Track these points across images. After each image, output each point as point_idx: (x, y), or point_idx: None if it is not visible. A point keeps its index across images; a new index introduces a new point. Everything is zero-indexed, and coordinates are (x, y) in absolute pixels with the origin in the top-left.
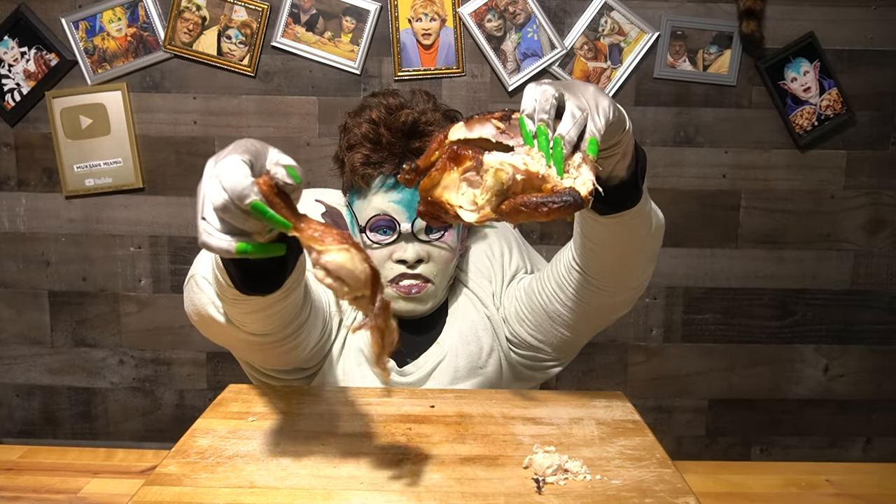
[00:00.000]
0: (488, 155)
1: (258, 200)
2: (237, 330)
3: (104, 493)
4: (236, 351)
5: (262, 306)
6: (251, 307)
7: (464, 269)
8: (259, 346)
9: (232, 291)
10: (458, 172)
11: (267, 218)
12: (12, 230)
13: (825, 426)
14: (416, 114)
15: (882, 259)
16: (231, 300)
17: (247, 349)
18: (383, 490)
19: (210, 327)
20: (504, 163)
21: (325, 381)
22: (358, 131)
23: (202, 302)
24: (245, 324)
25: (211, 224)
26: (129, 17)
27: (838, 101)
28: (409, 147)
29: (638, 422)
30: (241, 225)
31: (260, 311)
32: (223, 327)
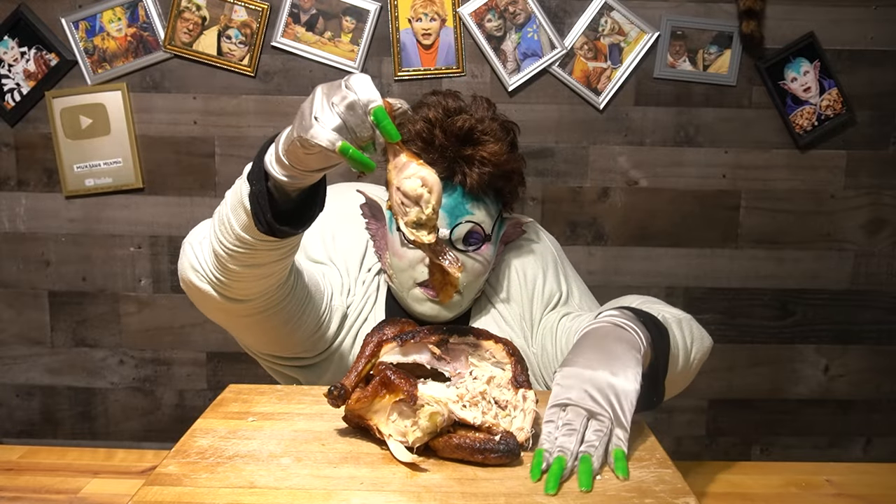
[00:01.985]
0: (423, 388)
1: (381, 106)
2: (215, 296)
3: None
4: (230, 327)
5: (262, 260)
6: (250, 259)
7: (493, 285)
8: (238, 315)
9: (241, 237)
10: (389, 400)
11: (384, 125)
12: (12, 230)
13: (825, 426)
14: (474, 121)
15: (882, 259)
16: (234, 247)
17: (226, 320)
18: (383, 490)
19: (191, 292)
20: (440, 403)
21: (336, 377)
22: (412, 128)
23: (182, 266)
24: (229, 283)
25: (322, 122)
26: (129, 17)
27: (838, 101)
28: (461, 153)
29: (638, 422)
30: (355, 127)
31: (256, 266)
32: (200, 293)
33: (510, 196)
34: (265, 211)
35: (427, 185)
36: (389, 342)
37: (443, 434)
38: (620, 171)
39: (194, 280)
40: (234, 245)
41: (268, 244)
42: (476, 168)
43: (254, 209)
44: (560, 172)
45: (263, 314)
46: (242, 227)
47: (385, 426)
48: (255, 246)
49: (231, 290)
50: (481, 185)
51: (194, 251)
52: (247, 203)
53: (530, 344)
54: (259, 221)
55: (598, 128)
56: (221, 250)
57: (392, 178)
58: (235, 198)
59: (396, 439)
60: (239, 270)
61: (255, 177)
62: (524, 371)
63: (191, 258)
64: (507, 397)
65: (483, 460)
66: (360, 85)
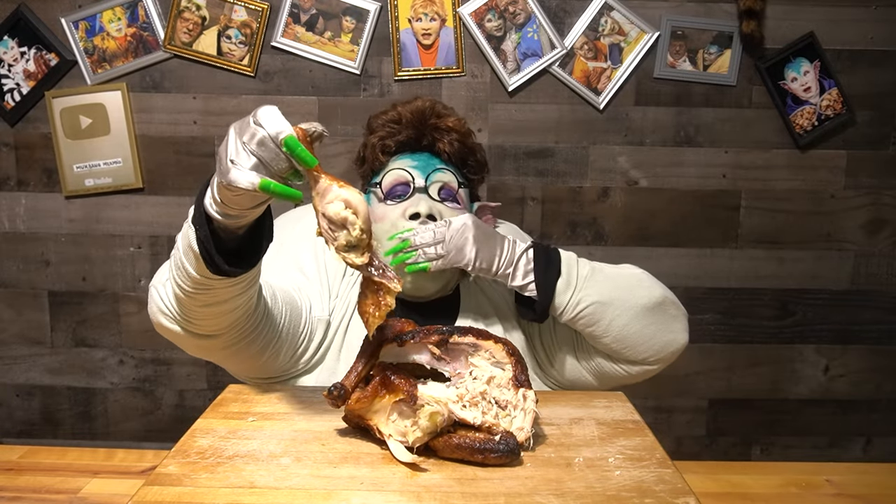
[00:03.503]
0: (423, 388)
1: (292, 135)
2: (186, 335)
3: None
4: (203, 357)
5: (224, 297)
6: (211, 298)
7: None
8: (212, 350)
9: (197, 280)
10: (389, 400)
11: (297, 153)
12: (12, 230)
13: (825, 426)
14: (433, 101)
15: (882, 259)
16: (194, 290)
17: (203, 354)
18: (383, 490)
19: (164, 333)
20: (440, 403)
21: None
22: (381, 119)
23: (151, 310)
24: (196, 321)
25: (238, 164)
26: (128, 17)
27: (838, 100)
28: (426, 123)
29: (638, 422)
30: (270, 163)
31: (218, 303)
32: (172, 334)
33: (474, 171)
34: (212, 254)
35: (351, 206)
36: (389, 342)
37: (443, 434)
38: (620, 171)
39: (164, 322)
40: (192, 287)
41: (224, 282)
42: (444, 135)
43: (202, 253)
44: (560, 172)
45: (239, 345)
46: (196, 269)
47: (385, 426)
48: (213, 286)
49: (200, 328)
50: (450, 151)
51: (159, 294)
52: (195, 247)
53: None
54: (209, 264)
55: (598, 128)
56: (181, 293)
57: (316, 205)
58: (185, 241)
59: (396, 439)
60: (202, 309)
61: (197, 221)
62: (524, 371)
63: (157, 302)
64: (507, 397)
65: (483, 460)
66: (266, 118)
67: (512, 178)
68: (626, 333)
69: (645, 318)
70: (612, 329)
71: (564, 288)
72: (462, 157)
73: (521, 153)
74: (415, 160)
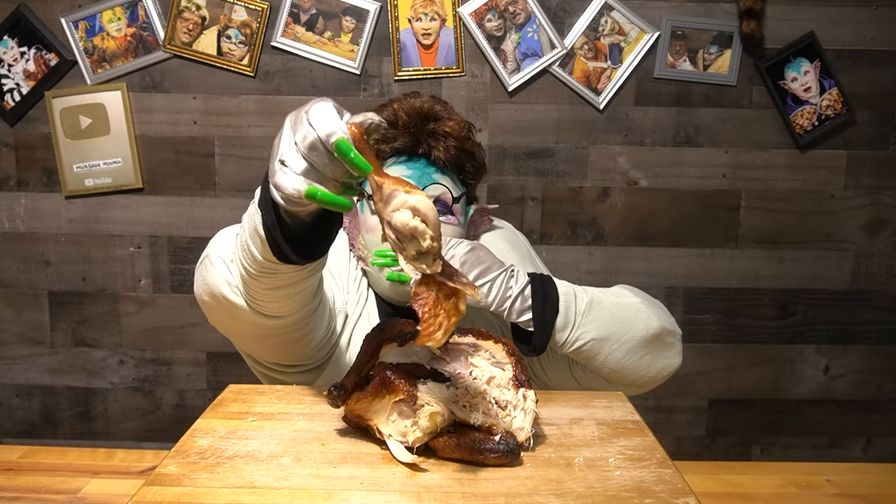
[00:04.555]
0: (423, 388)
1: (344, 138)
2: (250, 312)
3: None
4: (242, 339)
5: (288, 281)
6: (277, 282)
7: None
8: (269, 331)
9: (262, 263)
10: (389, 400)
11: (350, 158)
12: (12, 230)
13: (825, 426)
14: (432, 102)
15: (882, 259)
16: (259, 272)
17: (255, 335)
18: (383, 490)
19: (220, 309)
20: (440, 403)
21: (332, 376)
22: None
23: (215, 280)
24: (262, 303)
25: (289, 166)
26: (128, 17)
27: (838, 100)
28: (423, 128)
29: (638, 422)
30: (323, 169)
31: (284, 287)
32: (235, 308)
33: (472, 175)
34: (279, 241)
35: (419, 214)
36: (389, 342)
37: (443, 434)
38: (620, 171)
39: (229, 295)
40: (257, 270)
41: (291, 268)
42: (441, 142)
43: (269, 239)
44: (560, 172)
45: (296, 329)
46: (262, 253)
47: (385, 426)
48: (278, 270)
49: (266, 309)
50: (446, 158)
51: (227, 267)
52: (262, 232)
53: None
54: (276, 252)
55: (598, 128)
56: (247, 274)
57: (380, 212)
58: (251, 224)
59: (396, 439)
60: (268, 292)
61: (264, 206)
62: (524, 371)
63: (225, 273)
64: (507, 397)
65: (483, 460)
66: (318, 118)
67: (512, 178)
68: (622, 365)
69: (641, 350)
70: (608, 362)
71: (563, 326)
72: (459, 163)
73: (521, 153)
74: (410, 168)
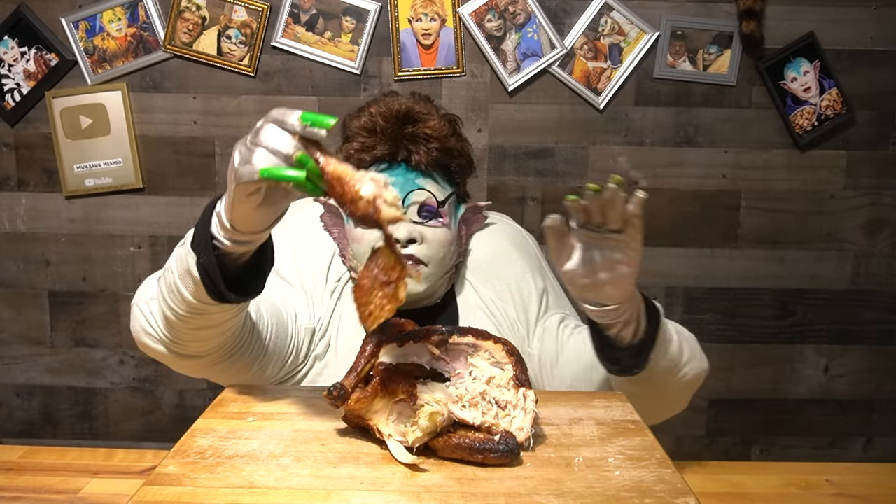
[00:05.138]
0: (423, 388)
1: (302, 153)
2: (170, 355)
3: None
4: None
5: (216, 321)
6: (205, 322)
7: (478, 279)
8: (196, 369)
9: (193, 304)
10: (389, 400)
11: (309, 167)
12: (12, 230)
13: (825, 426)
14: (411, 102)
15: (882, 259)
16: (187, 314)
17: (188, 372)
18: (383, 490)
19: (148, 352)
20: (440, 402)
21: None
22: (356, 123)
23: (135, 329)
24: (184, 343)
25: (244, 159)
26: (129, 17)
27: (838, 100)
28: (402, 131)
29: (638, 422)
30: (277, 146)
31: (210, 327)
32: (156, 354)
33: (459, 174)
34: (218, 282)
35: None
36: (389, 342)
37: (442, 434)
38: (620, 171)
39: (148, 343)
40: (186, 311)
41: (222, 307)
42: (421, 145)
43: (204, 280)
44: (560, 172)
45: (224, 363)
46: (193, 294)
47: (385, 426)
48: (208, 311)
49: (186, 349)
50: (428, 161)
51: (143, 314)
52: (195, 273)
53: (528, 343)
54: (211, 292)
55: (598, 128)
56: (173, 315)
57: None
58: (181, 266)
59: (396, 439)
60: (193, 332)
61: (202, 248)
62: (524, 371)
63: (141, 321)
64: (506, 397)
65: (483, 460)
66: (274, 113)
67: (512, 178)
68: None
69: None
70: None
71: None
72: (443, 164)
73: (521, 153)
74: (391, 176)
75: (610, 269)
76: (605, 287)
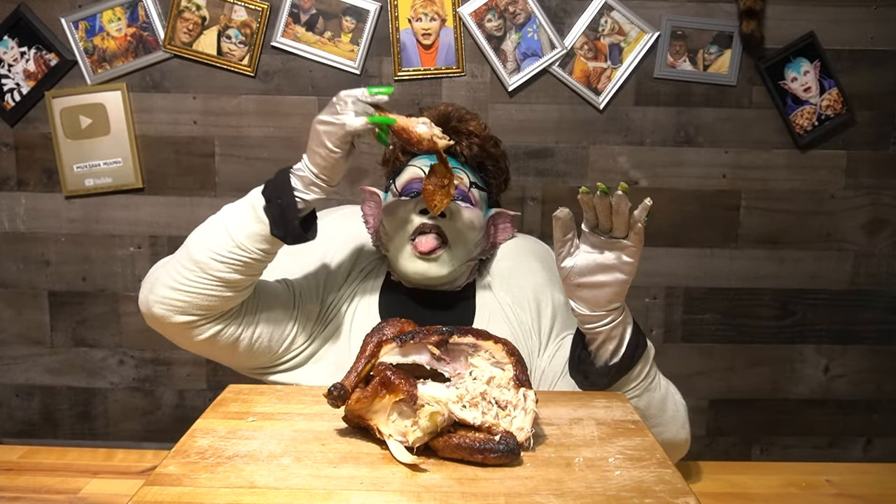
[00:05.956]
0: (423, 388)
1: (372, 116)
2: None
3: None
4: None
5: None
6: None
7: (500, 286)
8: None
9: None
10: (389, 400)
11: (376, 91)
12: (12, 230)
13: (825, 426)
14: (457, 107)
15: (882, 259)
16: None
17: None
18: (383, 490)
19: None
20: (440, 402)
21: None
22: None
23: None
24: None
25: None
26: (128, 17)
27: (838, 100)
28: (447, 125)
29: (638, 422)
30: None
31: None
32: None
33: (493, 175)
34: (293, 219)
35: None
36: (389, 343)
37: (443, 434)
38: (620, 171)
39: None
40: (229, 254)
41: (271, 249)
42: (463, 138)
43: (276, 220)
44: (560, 172)
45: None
46: (251, 235)
47: (385, 426)
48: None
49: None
50: (468, 154)
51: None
52: (263, 215)
53: (539, 353)
54: (279, 229)
55: (598, 128)
56: (211, 259)
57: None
58: (243, 213)
59: (396, 439)
60: (227, 277)
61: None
62: (524, 371)
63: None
64: (507, 397)
65: (483, 460)
66: (344, 93)
67: (512, 178)
68: None
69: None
70: None
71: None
72: (480, 161)
73: (521, 153)
74: (430, 158)
75: (606, 272)
76: (598, 290)
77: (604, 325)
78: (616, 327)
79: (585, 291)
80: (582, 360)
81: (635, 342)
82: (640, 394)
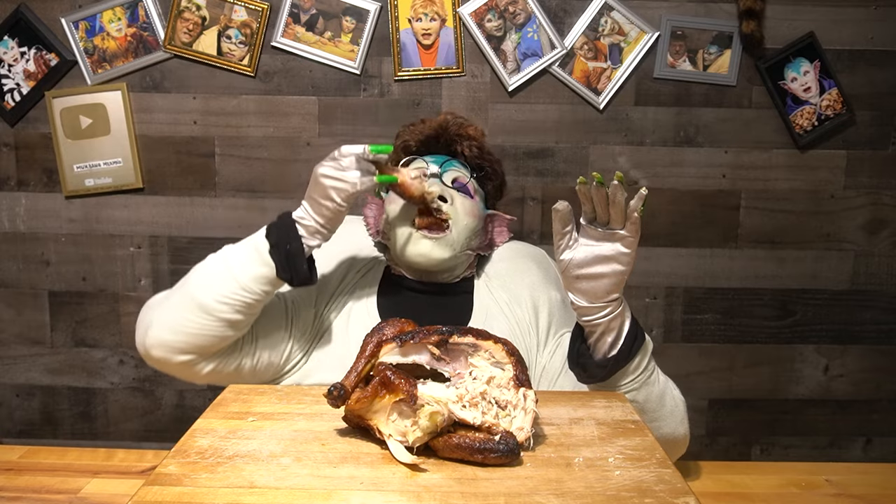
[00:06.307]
0: (423, 388)
1: (378, 175)
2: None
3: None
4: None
5: (253, 311)
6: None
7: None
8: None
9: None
10: (389, 400)
11: (378, 149)
12: (12, 230)
13: (825, 426)
14: (455, 116)
15: (882, 259)
16: (234, 298)
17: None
18: (383, 490)
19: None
20: (440, 402)
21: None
22: (409, 127)
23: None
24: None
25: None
26: (128, 17)
27: (838, 100)
28: (447, 133)
29: (638, 422)
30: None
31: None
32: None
33: (489, 178)
34: (301, 265)
35: (417, 172)
36: (389, 342)
37: (443, 434)
38: (621, 171)
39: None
40: (232, 295)
41: (272, 289)
42: (463, 141)
43: (283, 264)
44: (560, 172)
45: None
46: (256, 277)
47: (385, 426)
48: (258, 292)
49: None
50: (468, 155)
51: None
52: (268, 258)
53: (539, 351)
54: (285, 272)
55: (598, 128)
56: (216, 302)
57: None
58: (247, 255)
59: (396, 439)
60: (230, 318)
61: (290, 240)
62: (524, 371)
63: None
64: (507, 397)
65: (483, 460)
66: (345, 149)
67: (512, 178)
68: None
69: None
70: None
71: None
72: (478, 164)
73: (521, 153)
74: (432, 157)
75: (604, 264)
76: (596, 281)
77: (602, 317)
78: (614, 319)
79: (584, 283)
80: (581, 353)
81: (633, 334)
82: (639, 387)
